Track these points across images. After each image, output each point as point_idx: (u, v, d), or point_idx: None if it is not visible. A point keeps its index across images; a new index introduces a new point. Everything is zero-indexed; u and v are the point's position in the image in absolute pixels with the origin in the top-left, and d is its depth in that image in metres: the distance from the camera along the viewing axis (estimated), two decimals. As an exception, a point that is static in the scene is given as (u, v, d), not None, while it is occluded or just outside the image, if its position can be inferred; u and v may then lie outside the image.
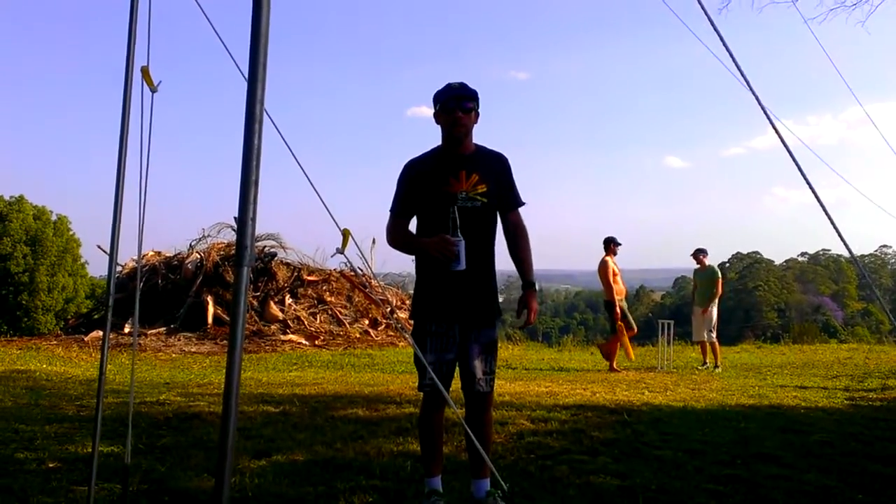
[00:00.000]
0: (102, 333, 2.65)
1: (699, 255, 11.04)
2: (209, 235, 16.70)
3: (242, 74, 1.91)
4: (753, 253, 77.73)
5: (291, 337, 14.39)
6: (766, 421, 5.42)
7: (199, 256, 15.99)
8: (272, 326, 14.78)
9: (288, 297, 15.82)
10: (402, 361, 11.38)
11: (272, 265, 16.11)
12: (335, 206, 2.46)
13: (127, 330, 13.81)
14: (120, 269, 15.71)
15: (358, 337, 15.38)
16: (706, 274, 11.00)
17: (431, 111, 3.15)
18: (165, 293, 15.30)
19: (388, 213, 3.19)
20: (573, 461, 3.96)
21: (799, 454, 4.20)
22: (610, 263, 10.29)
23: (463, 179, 3.07)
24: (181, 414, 5.43)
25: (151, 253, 16.63)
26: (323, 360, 12.10)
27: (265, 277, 15.80)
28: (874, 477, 3.70)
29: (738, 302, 66.93)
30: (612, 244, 10.46)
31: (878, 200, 8.44)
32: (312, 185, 2.49)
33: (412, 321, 3.19)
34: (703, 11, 2.51)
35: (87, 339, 13.89)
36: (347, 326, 15.82)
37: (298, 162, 2.52)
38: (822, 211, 2.49)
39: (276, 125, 2.35)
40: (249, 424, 5.00)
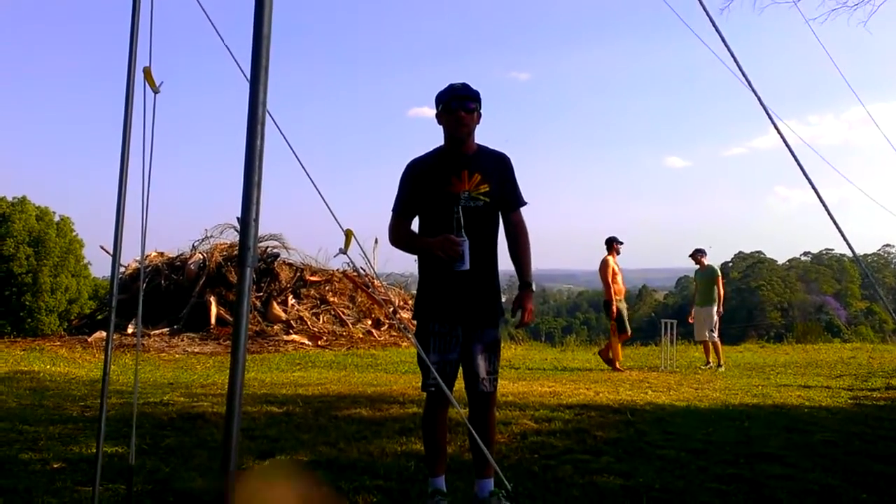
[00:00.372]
0: (106, 334, 2.65)
1: (698, 255, 11.07)
2: (212, 236, 16.71)
3: (245, 76, 1.91)
4: (756, 252, 77.65)
5: (294, 337, 14.39)
6: (769, 420, 5.42)
7: (201, 257, 15.99)
8: (275, 327, 14.79)
9: (291, 297, 15.83)
10: (405, 362, 11.38)
11: (275, 266, 16.11)
12: (337, 206, 2.47)
13: (130, 330, 13.82)
14: (123, 269, 15.74)
15: (361, 337, 15.37)
16: (706, 274, 11.01)
17: (433, 112, 3.16)
18: (168, 294, 15.31)
19: (390, 212, 3.20)
20: (577, 461, 3.96)
21: (803, 453, 4.20)
22: (610, 263, 10.29)
23: (465, 179, 3.08)
24: (185, 414, 5.44)
25: (154, 253, 16.64)
26: (326, 360, 12.10)
27: (268, 278, 15.81)
28: (878, 476, 3.70)
29: (741, 301, 66.81)
30: (614, 243, 10.46)
31: (880, 200, 8.42)
32: (315, 185, 2.49)
33: (415, 321, 3.19)
34: (704, 12, 2.51)
35: (90, 339, 13.90)
36: (350, 327, 15.82)
37: (301, 162, 2.52)
38: (824, 210, 2.49)
39: (278, 126, 2.36)
40: (253, 425, 5.01)
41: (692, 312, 10.98)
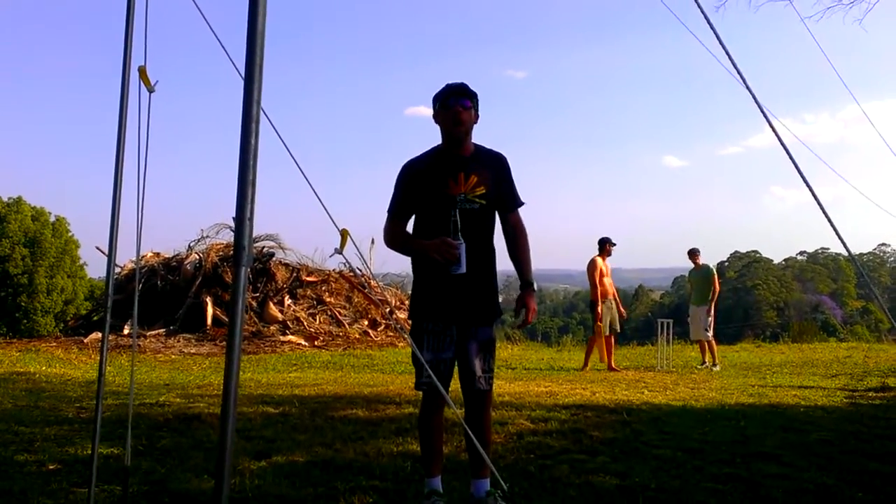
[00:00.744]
0: (101, 335, 2.64)
1: (693, 254, 11.11)
2: (208, 236, 16.68)
3: (239, 74, 1.91)
4: (752, 252, 77.77)
5: (291, 338, 14.37)
6: (765, 420, 5.43)
7: (197, 257, 15.97)
8: (271, 327, 14.77)
9: (287, 297, 15.81)
10: (401, 362, 11.38)
11: (271, 266, 16.09)
12: (333, 205, 2.46)
13: (126, 331, 13.79)
14: (119, 270, 15.69)
15: (357, 337, 15.36)
16: (701, 273, 11.05)
17: (430, 111, 3.15)
18: (164, 294, 15.28)
19: (386, 213, 3.19)
20: (573, 461, 3.96)
21: (798, 453, 4.20)
22: (598, 263, 10.29)
23: (462, 182, 3.06)
24: (181, 415, 5.43)
25: (150, 254, 16.59)
26: (322, 360, 12.09)
27: (264, 278, 15.79)
28: (874, 475, 3.70)
29: (737, 301, 66.97)
30: (606, 244, 10.47)
31: (876, 199, 8.44)
32: (310, 184, 2.49)
33: (410, 321, 3.19)
34: (700, 10, 2.51)
35: (86, 340, 13.86)
36: (347, 327, 15.81)
37: (296, 161, 2.51)
38: (819, 209, 2.49)
39: (273, 125, 2.35)
40: (249, 425, 5.00)
41: (691, 310, 11.01)
